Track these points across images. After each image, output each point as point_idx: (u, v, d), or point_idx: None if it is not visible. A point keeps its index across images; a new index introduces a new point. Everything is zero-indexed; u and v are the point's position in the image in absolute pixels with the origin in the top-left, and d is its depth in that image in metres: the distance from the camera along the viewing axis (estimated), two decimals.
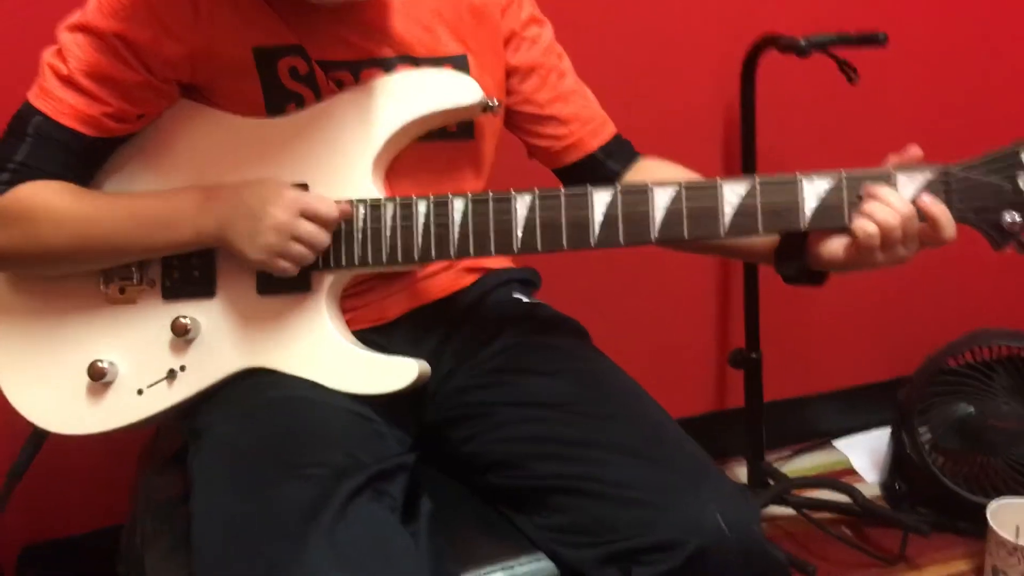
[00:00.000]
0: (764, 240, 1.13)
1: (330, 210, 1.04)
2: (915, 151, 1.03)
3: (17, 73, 1.10)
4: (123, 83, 1.05)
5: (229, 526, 0.95)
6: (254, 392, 1.08)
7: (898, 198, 1.00)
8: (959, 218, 1.01)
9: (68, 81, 1.05)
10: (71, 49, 1.04)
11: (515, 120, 1.26)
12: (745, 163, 1.86)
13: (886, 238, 0.99)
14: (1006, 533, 1.70)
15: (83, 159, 1.08)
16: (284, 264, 1.04)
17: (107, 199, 1.08)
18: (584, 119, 1.25)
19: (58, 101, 1.05)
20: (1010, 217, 1.00)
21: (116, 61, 1.04)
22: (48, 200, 1.05)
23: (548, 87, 1.24)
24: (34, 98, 1.06)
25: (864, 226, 0.99)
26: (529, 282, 1.35)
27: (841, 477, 2.13)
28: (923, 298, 2.27)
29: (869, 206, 1.00)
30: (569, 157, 1.25)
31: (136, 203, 1.08)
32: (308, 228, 1.03)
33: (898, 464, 2.03)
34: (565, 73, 1.26)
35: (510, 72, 1.22)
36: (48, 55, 1.06)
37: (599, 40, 1.79)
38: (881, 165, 1.04)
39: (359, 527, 0.93)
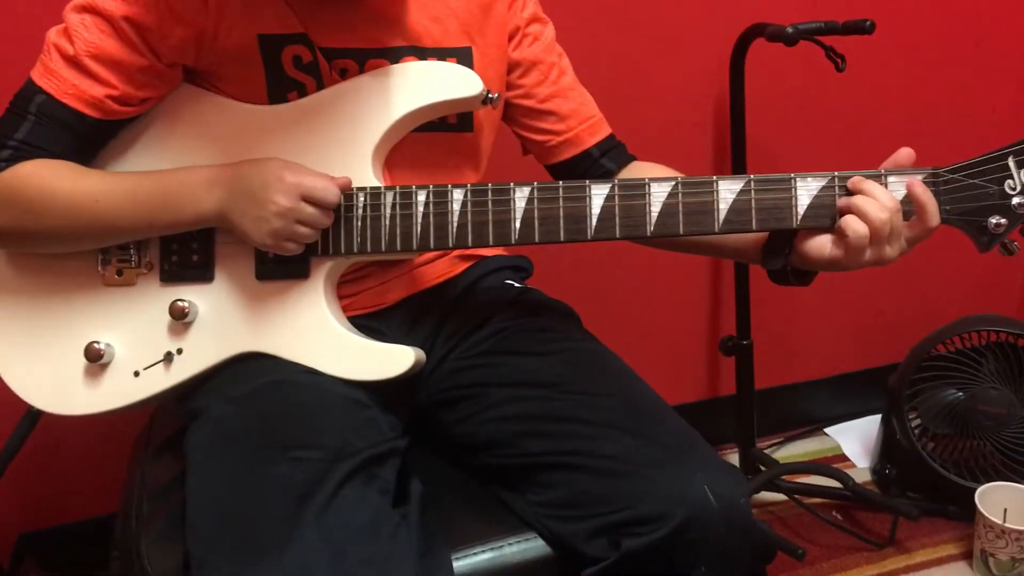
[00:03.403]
0: (751, 239, 1.14)
1: (330, 194, 1.04)
2: (906, 152, 1.04)
3: (23, 51, 1.09)
4: (129, 66, 1.05)
5: (222, 506, 0.96)
6: (250, 375, 1.09)
7: (885, 193, 1.01)
8: (945, 220, 1.03)
9: (73, 62, 1.04)
10: (77, 30, 1.04)
11: (514, 114, 1.27)
12: (735, 152, 1.87)
13: (875, 234, 1.00)
14: (994, 516, 1.72)
15: (85, 140, 1.08)
16: (290, 246, 1.05)
17: (106, 178, 1.08)
18: (582, 117, 1.26)
19: (62, 81, 1.04)
20: (995, 220, 1.03)
21: (123, 44, 1.04)
22: (47, 179, 1.05)
23: (548, 82, 1.25)
24: (38, 77, 1.06)
25: (851, 221, 1.00)
26: (522, 269, 1.37)
27: (832, 463, 2.14)
28: (912, 286, 2.29)
29: (857, 200, 1.01)
30: (565, 153, 1.26)
31: (136, 183, 1.07)
32: (311, 212, 1.03)
33: (888, 449, 2.05)
34: (565, 71, 1.27)
35: (512, 66, 1.23)
36: (53, 34, 1.06)
37: (589, 35, 1.80)
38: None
39: (350, 510, 0.94)
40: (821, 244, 1.05)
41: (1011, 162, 1.02)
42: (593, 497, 1.02)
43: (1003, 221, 1.03)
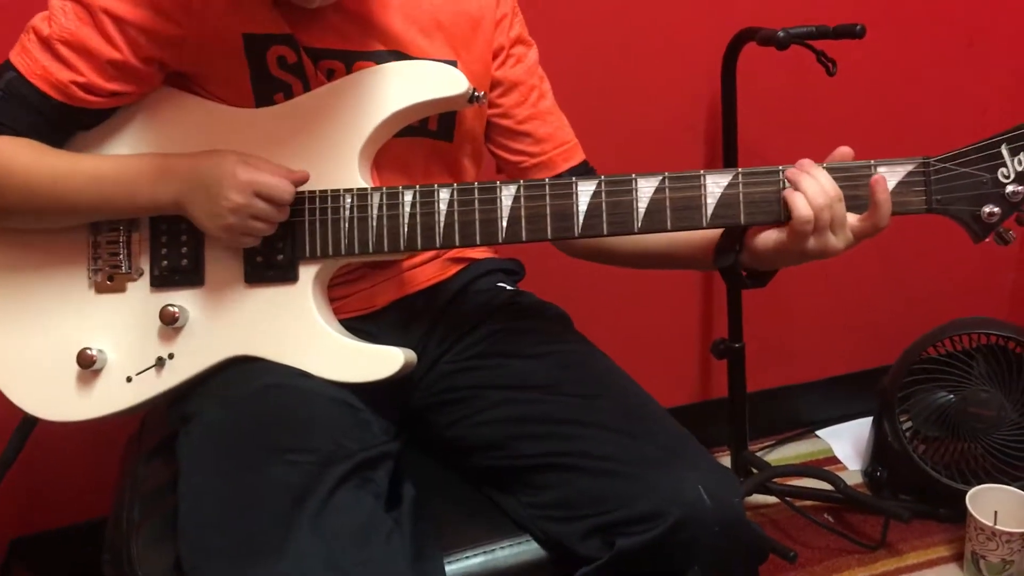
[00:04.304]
0: (702, 244, 1.14)
1: (283, 192, 1.05)
2: (844, 150, 1.03)
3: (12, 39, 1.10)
4: (100, 57, 1.05)
5: (215, 510, 0.96)
6: (242, 379, 1.09)
7: (828, 180, 1.00)
8: (940, 210, 1.01)
9: (46, 43, 1.05)
10: (56, 15, 1.05)
11: (491, 132, 1.27)
12: (727, 155, 1.88)
13: (815, 219, 0.99)
14: (985, 518, 1.73)
15: (50, 123, 1.08)
16: (247, 240, 1.07)
17: (67, 159, 1.08)
18: (558, 141, 1.27)
19: (33, 61, 1.05)
20: (989, 209, 1.01)
21: (97, 34, 1.05)
22: (5, 155, 1.05)
23: (528, 104, 1.25)
24: (13, 55, 1.07)
25: (797, 200, 0.99)
26: (513, 272, 1.37)
27: (824, 466, 2.15)
28: (902, 288, 2.29)
29: (802, 181, 1.00)
30: (537, 175, 1.26)
31: (95, 166, 1.08)
32: (263, 207, 1.04)
33: (879, 452, 2.05)
34: (545, 95, 1.28)
35: (493, 85, 1.23)
36: (37, 17, 1.07)
37: (582, 39, 1.81)
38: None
39: (344, 514, 0.94)
40: (767, 233, 1.05)
41: (1004, 149, 1.00)
42: (587, 497, 1.02)
43: (996, 210, 1.00)
